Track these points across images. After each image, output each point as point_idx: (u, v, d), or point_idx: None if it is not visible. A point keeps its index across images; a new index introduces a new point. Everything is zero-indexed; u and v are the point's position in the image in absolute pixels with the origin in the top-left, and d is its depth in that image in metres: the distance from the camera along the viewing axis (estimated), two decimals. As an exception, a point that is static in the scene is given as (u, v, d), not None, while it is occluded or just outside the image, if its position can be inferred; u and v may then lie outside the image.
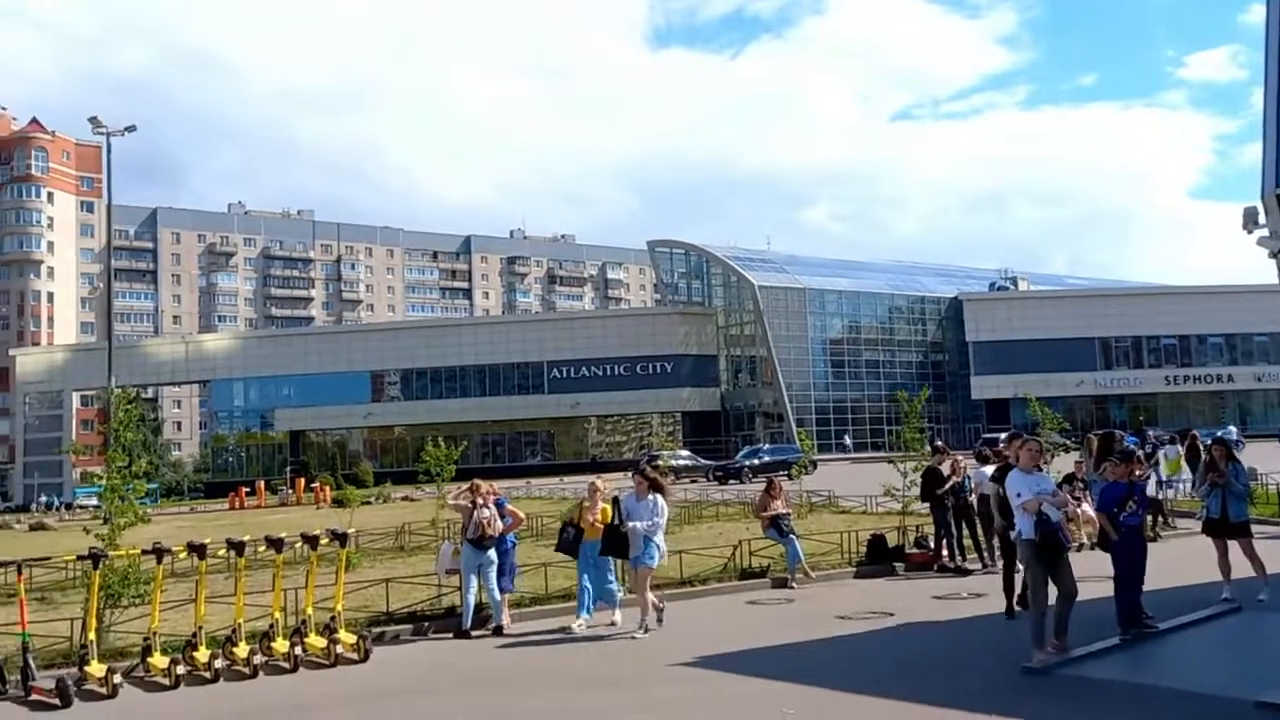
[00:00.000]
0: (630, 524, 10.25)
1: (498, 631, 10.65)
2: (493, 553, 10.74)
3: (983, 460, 12.73)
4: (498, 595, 10.78)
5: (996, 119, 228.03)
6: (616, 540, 10.28)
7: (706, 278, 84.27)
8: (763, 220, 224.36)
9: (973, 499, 13.36)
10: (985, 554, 13.47)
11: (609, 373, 79.39)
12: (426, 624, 10.98)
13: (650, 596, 10.36)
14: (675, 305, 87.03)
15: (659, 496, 10.55)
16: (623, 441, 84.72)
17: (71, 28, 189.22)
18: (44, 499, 77.84)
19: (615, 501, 10.50)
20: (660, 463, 34.55)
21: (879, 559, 14.26)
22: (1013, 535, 9.03)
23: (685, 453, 46.36)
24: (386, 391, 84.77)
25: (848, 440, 70.84)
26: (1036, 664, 7.89)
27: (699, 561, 13.70)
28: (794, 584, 13.13)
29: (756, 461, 43.09)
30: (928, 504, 14.20)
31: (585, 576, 10.74)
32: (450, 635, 10.61)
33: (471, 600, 10.67)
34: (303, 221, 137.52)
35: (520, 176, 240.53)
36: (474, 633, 10.58)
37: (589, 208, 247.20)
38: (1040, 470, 8.77)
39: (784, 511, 13.90)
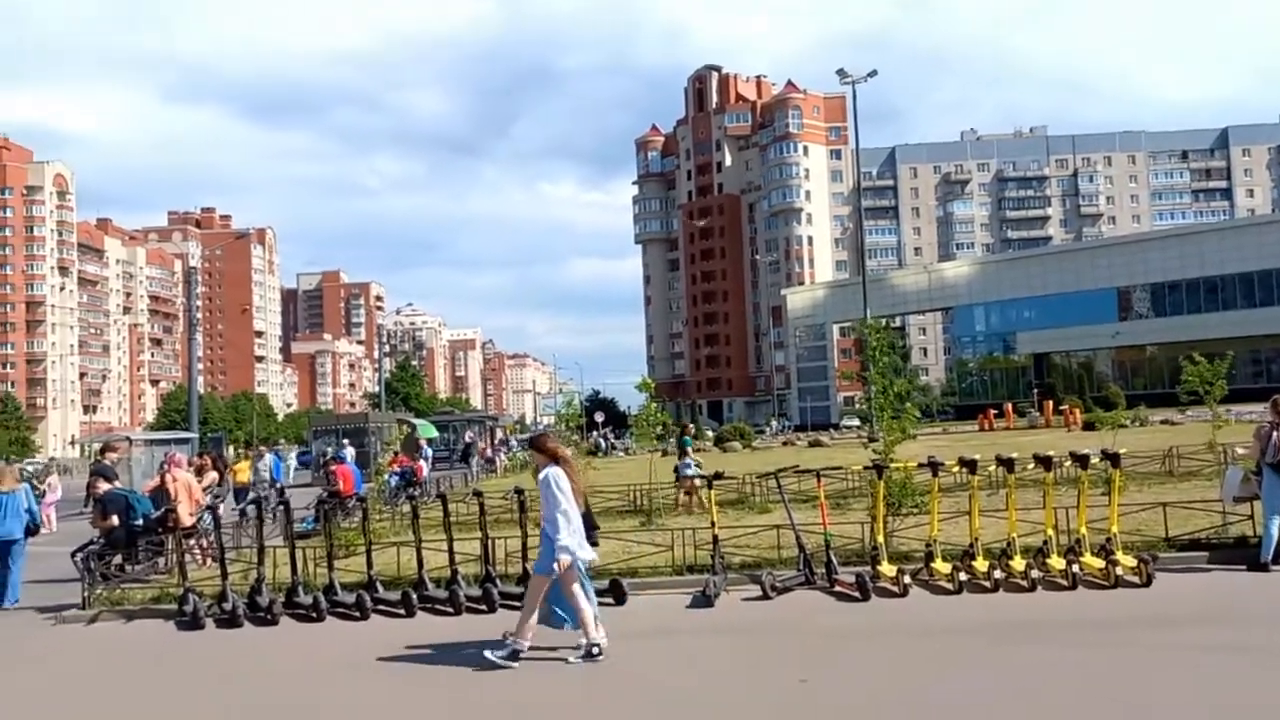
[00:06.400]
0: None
1: (1303, 568, 9.41)
2: (1305, 480, 9.49)
3: None
4: (1304, 528, 9.52)
5: None
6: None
7: None
8: None
9: None
10: None
11: None
12: (1210, 553, 10.12)
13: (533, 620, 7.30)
14: None
15: (555, 472, 7.30)
16: None
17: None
18: (775, 424, 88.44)
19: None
20: None
21: None
22: None
23: None
24: (1135, 308, 79.41)
25: None
26: None
27: None
28: None
29: None
30: None
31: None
32: (1243, 567, 9.65)
33: (1275, 531, 9.55)
34: (1035, 139, 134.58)
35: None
36: (1272, 566, 9.48)
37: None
38: None
39: None
